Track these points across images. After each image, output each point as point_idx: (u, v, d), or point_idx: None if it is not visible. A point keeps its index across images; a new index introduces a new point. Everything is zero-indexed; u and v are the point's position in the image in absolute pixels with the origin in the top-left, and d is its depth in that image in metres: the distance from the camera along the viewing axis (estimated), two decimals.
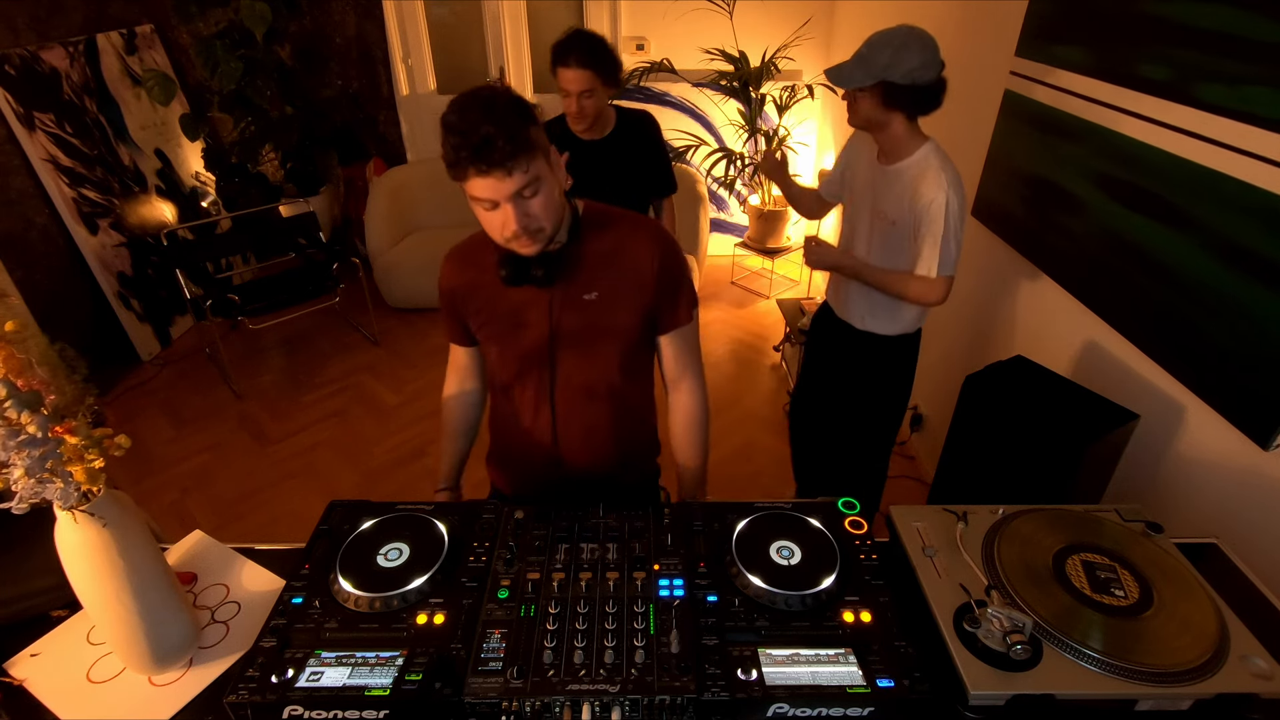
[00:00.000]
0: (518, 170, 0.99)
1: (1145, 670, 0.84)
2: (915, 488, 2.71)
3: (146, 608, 0.90)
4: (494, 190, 1.00)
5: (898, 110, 1.60)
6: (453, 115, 0.99)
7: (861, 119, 1.67)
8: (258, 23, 3.51)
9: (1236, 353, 1.33)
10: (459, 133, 0.97)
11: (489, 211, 1.04)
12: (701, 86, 4.03)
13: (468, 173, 0.99)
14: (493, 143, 0.96)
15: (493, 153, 0.96)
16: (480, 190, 1.01)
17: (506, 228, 1.04)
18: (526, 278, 1.12)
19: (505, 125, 0.96)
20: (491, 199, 1.02)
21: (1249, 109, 1.27)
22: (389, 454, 2.96)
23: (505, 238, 1.06)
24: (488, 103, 0.98)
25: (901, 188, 1.67)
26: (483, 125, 0.96)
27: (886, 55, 1.54)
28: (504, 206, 1.02)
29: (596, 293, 1.17)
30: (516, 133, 0.97)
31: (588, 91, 1.97)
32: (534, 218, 1.05)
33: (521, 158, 0.99)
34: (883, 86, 1.57)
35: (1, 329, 0.75)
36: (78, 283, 3.29)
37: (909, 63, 1.53)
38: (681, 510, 1.09)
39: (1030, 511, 1.07)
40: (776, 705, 0.82)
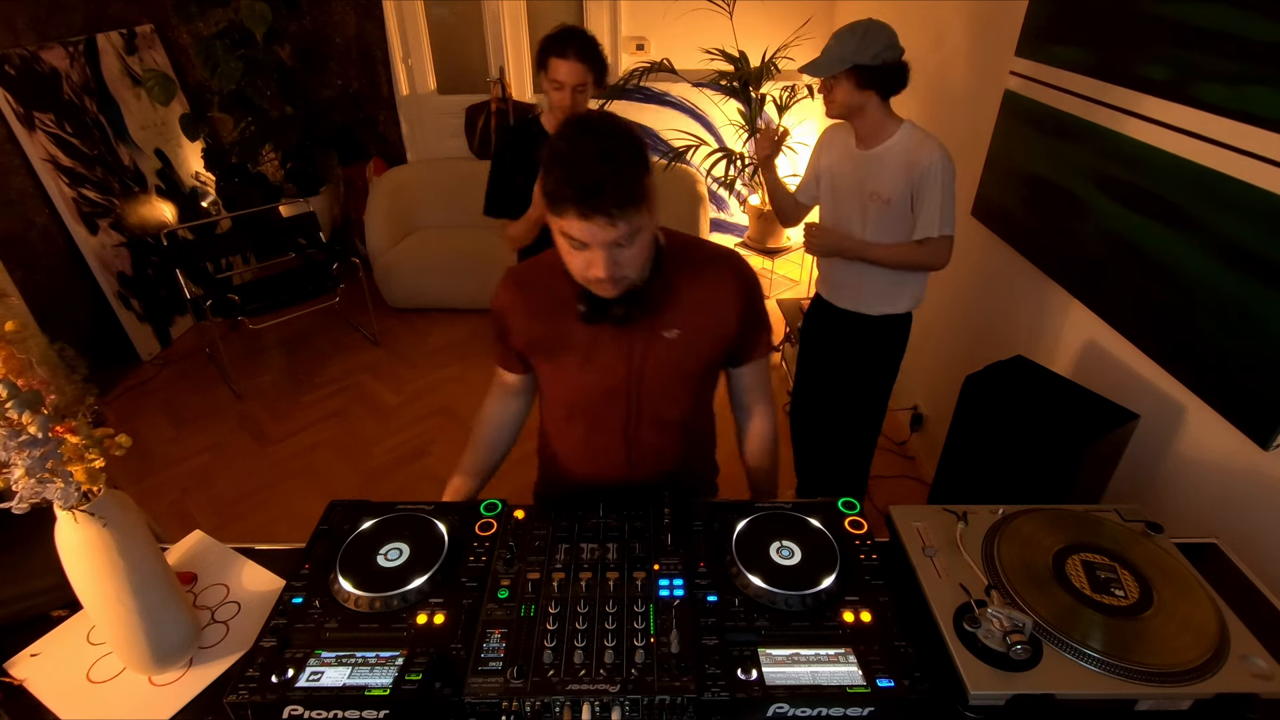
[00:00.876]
0: (622, 221, 0.92)
1: (1145, 670, 0.84)
2: (915, 488, 2.71)
3: (146, 608, 0.90)
4: (591, 235, 0.93)
5: (871, 90, 1.72)
6: (564, 143, 0.91)
7: (839, 107, 1.77)
8: (258, 23, 3.51)
9: (1236, 353, 1.33)
10: (568, 165, 0.89)
11: (575, 250, 0.97)
12: (701, 86, 4.03)
13: (567, 210, 0.92)
14: (603, 188, 0.89)
15: (602, 199, 0.89)
16: (575, 230, 0.94)
17: (590, 270, 0.98)
18: (606, 316, 1.07)
19: (622, 171, 0.89)
20: (583, 241, 0.95)
21: (1249, 109, 1.27)
22: (389, 454, 2.96)
23: (585, 279, 1.01)
24: (607, 139, 0.90)
25: (893, 165, 1.76)
26: (598, 166, 0.88)
27: (854, 42, 1.67)
28: (595, 250, 0.95)
29: (678, 331, 1.13)
30: (632, 181, 0.91)
31: (581, 86, 1.96)
32: (623, 267, 0.98)
33: (630, 209, 0.92)
34: (855, 70, 1.69)
35: (1, 329, 0.75)
36: (78, 283, 3.29)
37: (875, 45, 1.67)
38: (681, 510, 1.09)
39: (1030, 511, 1.07)
40: (776, 705, 0.82)
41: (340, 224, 4.55)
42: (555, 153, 0.92)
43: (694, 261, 1.14)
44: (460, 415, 3.14)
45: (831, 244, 1.92)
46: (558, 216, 0.94)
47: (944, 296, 2.60)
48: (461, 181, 4.28)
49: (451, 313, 4.03)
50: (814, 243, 1.93)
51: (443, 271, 3.94)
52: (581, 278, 1.01)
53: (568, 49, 1.92)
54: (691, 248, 1.16)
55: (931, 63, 2.67)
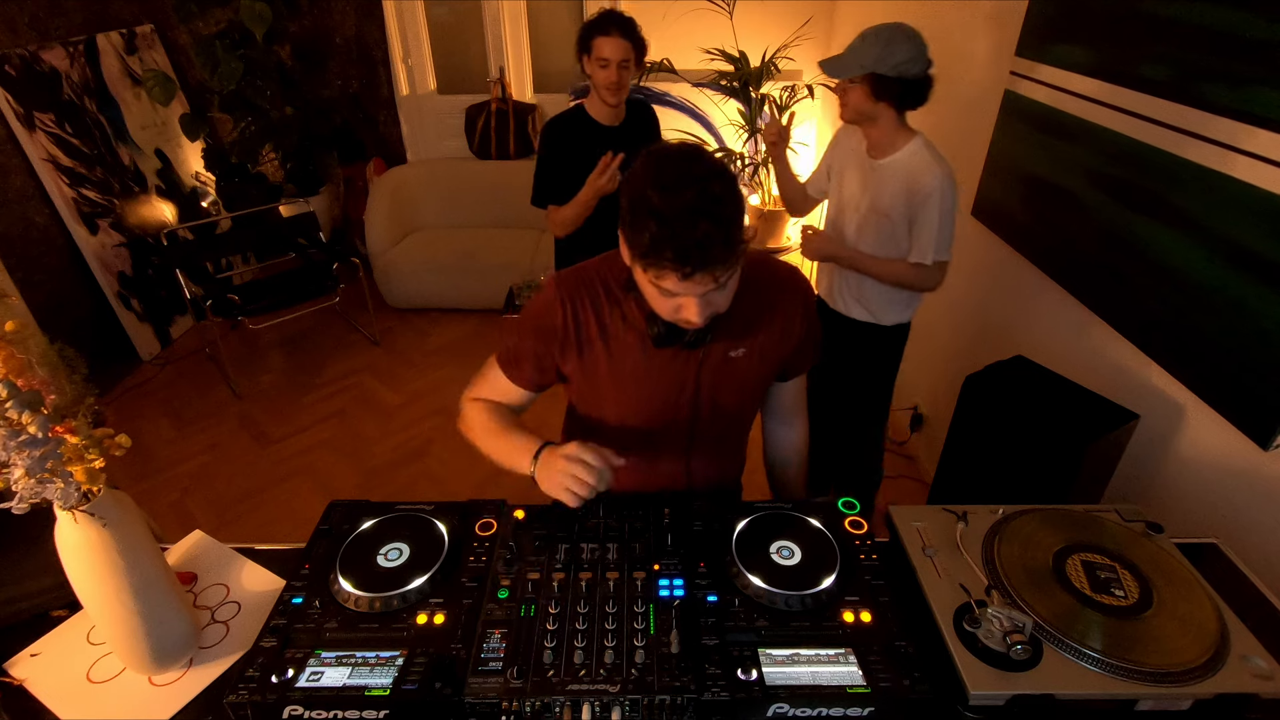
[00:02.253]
0: (723, 275, 0.88)
1: (1145, 670, 0.84)
2: (915, 488, 2.71)
3: (146, 608, 0.90)
4: (689, 289, 0.89)
5: (886, 102, 1.66)
6: (658, 195, 0.83)
7: (852, 112, 1.73)
8: (258, 23, 3.52)
9: (1236, 353, 1.33)
10: (667, 225, 0.82)
11: (665, 298, 0.93)
12: (701, 86, 4.03)
13: (664, 270, 0.86)
14: (709, 247, 0.83)
15: (706, 259, 0.83)
16: (672, 285, 0.88)
17: (682, 313, 0.93)
18: (679, 341, 1.04)
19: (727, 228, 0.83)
20: (678, 293, 0.90)
21: (1249, 109, 1.27)
22: (389, 454, 2.96)
23: (675, 319, 0.96)
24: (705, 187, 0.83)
25: (896, 181, 1.73)
26: (700, 223, 0.82)
27: (876, 48, 1.61)
28: (687, 299, 0.91)
29: (743, 350, 1.11)
30: (735, 234, 0.84)
31: (625, 62, 2.02)
32: (716, 305, 0.95)
33: (733, 261, 0.87)
34: (872, 79, 1.63)
35: (1, 329, 0.75)
36: (78, 283, 3.29)
37: (897, 56, 1.59)
38: (681, 510, 1.09)
39: (1030, 511, 1.07)
40: (776, 705, 0.82)
41: (340, 224, 4.55)
42: (647, 204, 0.84)
43: (762, 281, 1.10)
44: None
45: (827, 250, 1.90)
46: (651, 272, 0.89)
47: (944, 296, 2.59)
48: (461, 181, 4.28)
49: (451, 313, 4.03)
50: (810, 247, 1.91)
51: (443, 271, 3.94)
52: (669, 317, 0.97)
53: (610, 27, 2.00)
54: (759, 265, 1.12)
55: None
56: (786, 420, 1.32)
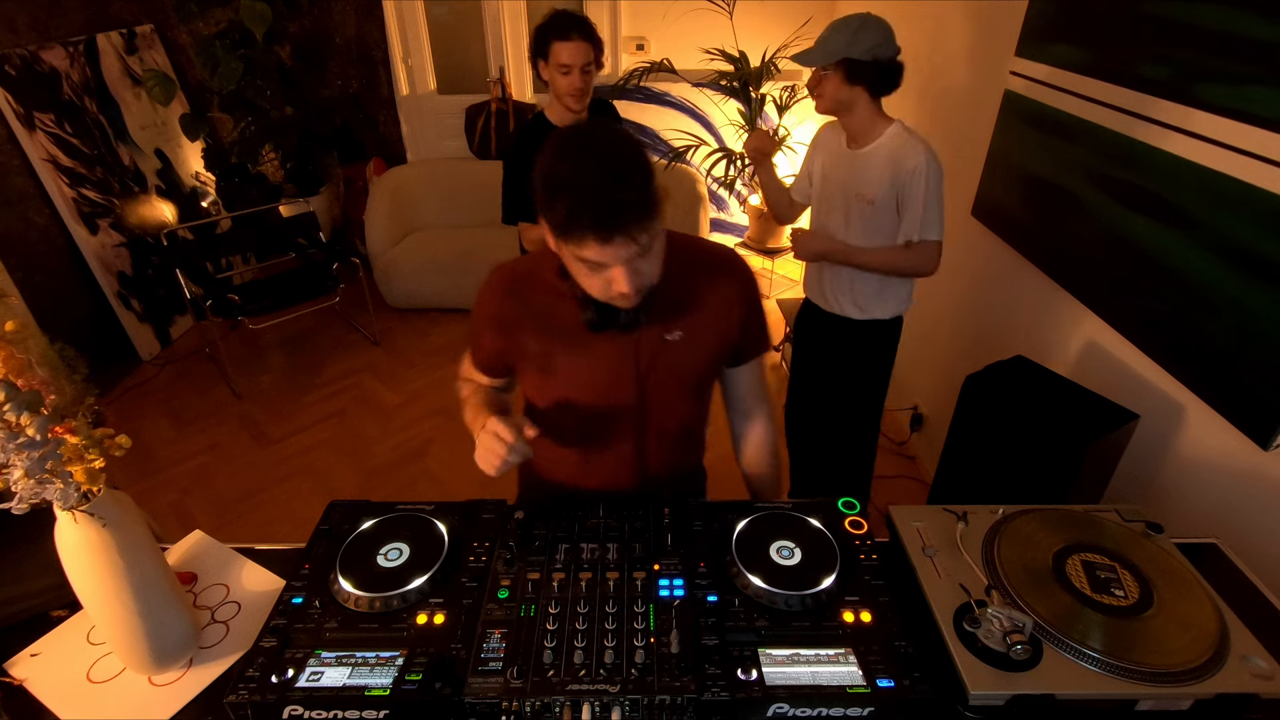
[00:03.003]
0: (643, 234, 0.89)
1: (1145, 670, 0.84)
2: (915, 488, 2.71)
3: (146, 608, 0.90)
4: (611, 256, 0.90)
5: (861, 87, 1.69)
6: (564, 166, 0.87)
7: (829, 101, 1.74)
8: (258, 23, 3.52)
9: (1236, 353, 1.33)
10: (577, 192, 0.86)
11: (593, 272, 0.94)
12: (701, 86, 4.03)
13: (585, 239, 0.88)
14: (621, 210, 0.85)
15: (623, 223, 0.86)
16: (595, 255, 0.90)
17: (614, 288, 0.95)
18: (614, 324, 1.05)
19: (634, 186, 0.86)
20: (604, 263, 0.92)
21: (1249, 109, 1.27)
22: (389, 454, 2.96)
23: (609, 296, 0.98)
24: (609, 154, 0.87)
25: (879, 166, 1.74)
26: (611, 190, 0.85)
27: (847, 35, 1.65)
28: (616, 268, 0.92)
29: (680, 332, 1.11)
30: (645, 193, 0.87)
31: (587, 65, 1.94)
32: (645, 276, 0.96)
33: (648, 221, 0.89)
34: (846, 64, 1.67)
35: (1, 329, 0.75)
36: (78, 283, 3.29)
37: (868, 40, 1.64)
38: (681, 510, 1.09)
39: (1030, 511, 1.07)
40: (776, 705, 0.82)
41: (340, 224, 4.55)
42: (556, 179, 0.87)
43: (694, 261, 1.12)
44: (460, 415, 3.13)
45: (818, 248, 1.89)
46: (572, 244, 0.91)
47: (944, 296, 2.60)
48: (461, 181, 4.28)
49: (451, 313, 4.03)
50: (801, 247, 1.91)
51: (443, 271, 3.94)
52: (603, 296, 0.99)
53: (569, 31, 1.90)
54: (690, 247, 1.14)
55: (931, 63, 2.67)
56: (746, 414, 1.30)
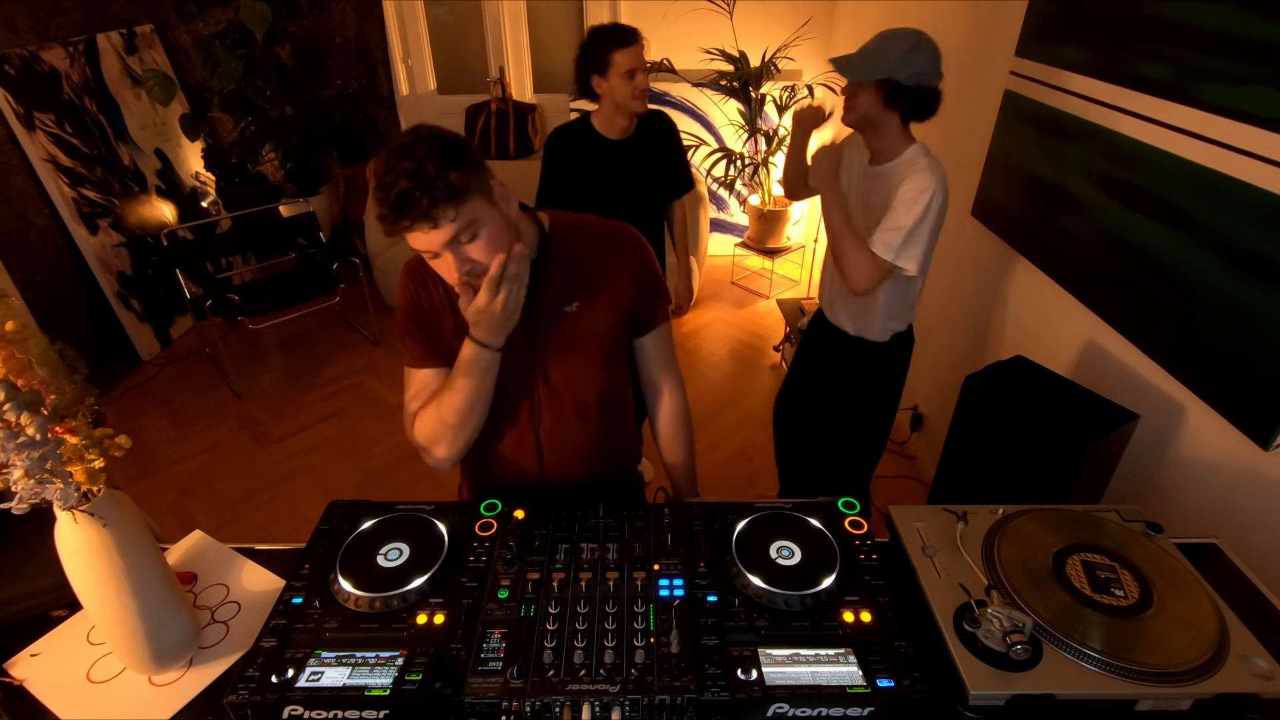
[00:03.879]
0: (444, 220, 0.94)
1: (1145, 670, 0.84)
2: (915, 488, 2.71)
3: (146, 608, 0.90)
4: (426, 242, 0.96)
5: (896, 111, 1.59)
6: (380, 167, 0.94)
7: (858, 116, 1.64)
8: (258, 23, 3.52)
9: (1236, 353, 1.33)
10: (380, 187, 0.93)
11: (433, 259, 1.00)
12: (701, 86, 4.03)
13: (397, 229, 0.94)
14: (409, 197, 0.91)
15: (411, 207, 0.91)
16: (415, 243, 0.97)
17: (450, 275, 1.00)
18: None
19: (420, 177, 0.91)
20: (428, 250, 0.98)
21: (1249, 109, 1.27)
22: (389, 454, 2.96)
23: (455, 284, 1.02)
24: (404, 152, 0.92)
25: (888, 184, 1.65)
26: (399, 180, 0.91)
27: (895, 54, 1.53)
28: (444, 255, 0.98)
29: (577, 303, 1.15)
30: (434, 182, 0.91)
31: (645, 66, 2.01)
32: (475, 263, 0.99)
33: (446, 206, 0.93)
34: (887, 84, 1.55)
35: (1, 329, 0.75)
36: (78, 283, 3.29)
37: (918, 65, 1.53)
38: (681, 510, 1.09)
39: (1030, 511, 1.07)
40: (776, 705, 0.82)
41: (340, 224, 4.55)
42: (375, 185, 0.94)
43: (584, 237, 1.17)
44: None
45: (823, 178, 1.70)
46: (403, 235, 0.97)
47: (944, 296, 2.60)
48: None
49: None
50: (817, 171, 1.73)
51: None
52: (454, 284, 1.02)
53: (626, 36, 1.99)
54: (580, 224, 1.19)
55: None
56: (655, 385, 1.32)
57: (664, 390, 1.32)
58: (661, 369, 1.31)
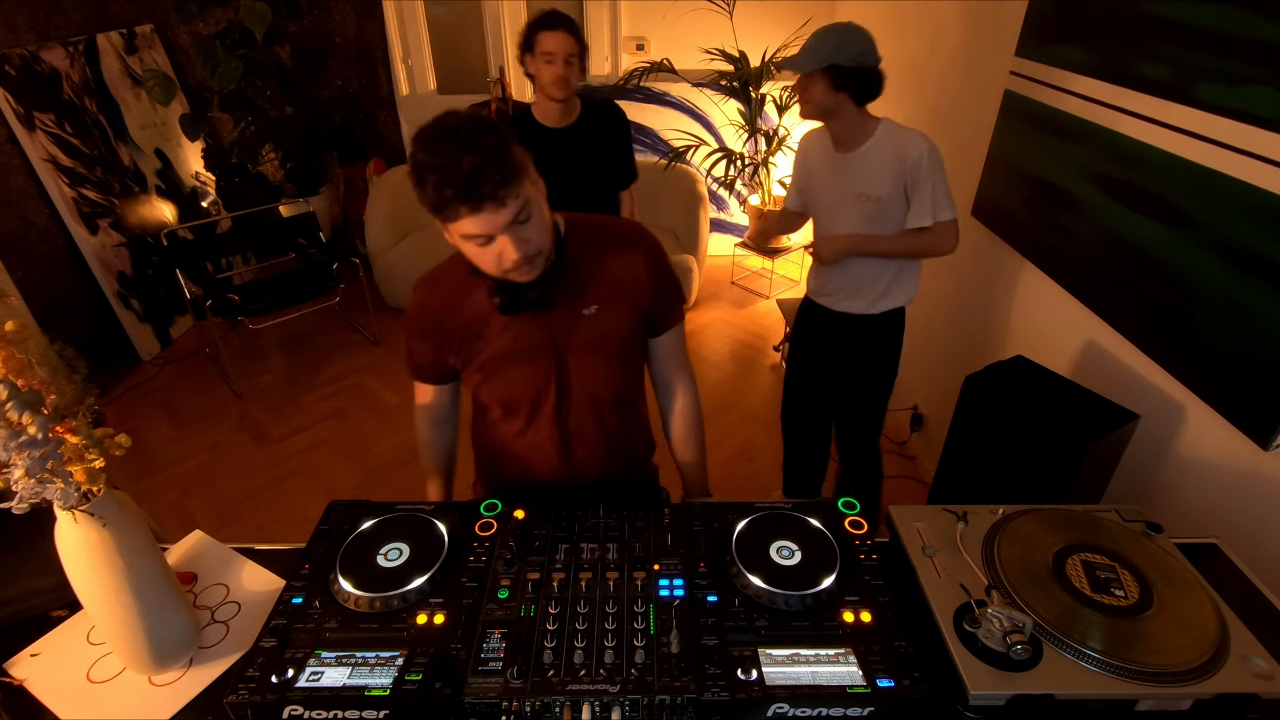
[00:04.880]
0: (510, 198, 0.93)
1: (1145, 670, 0.84)
2: (915, 488, 2.71)
3: (146, 608, 0.90)
4: (489, 225, 0.94)
5: (845, 93, 1.71)
6: (424, 154, 0.92)
7: (814, 107, 1.76)
8: (258, 23, 3.52)
9: (1236, 353, 1.33)
10: (439, 170, 0.90)
11: (483, 247, 0.98)
12: (701, 86, 4.03)
13: (457, 212, 0.92)
14: (481, 174, 0.89)
15: (483, 185, 0.90)
16: (473, 227, 0.95)
17: (506, 259, 0.98)
18: (524, 304, 1.08)
19: (489, 153, 0.90)
20: (486, 234, 0.96)
21: (1249, 109, 1.27)
22: (389, 454, 2.96)
23: (504, 270, 1.01)
24: (460, 132, 0.91)
25: (878, 163, 1.76)
26: (464, 157, 0.89)
27: (833, 41, 1.67)
28: (500, 238, 0.96)
29: (595, 306, 1.15)
30: (502, 158, 0.91)
31: (571, 57, 2.03)
32: (532, 243, 0.99)
33: (512, 184, 0.93)
34: (832, 70, 1.68)
35: (1, 329, 0.75)
36: (78, 283, 3.29)
37: (854, 48, 1.66)
38: (681, 510, 1.09)
39: (1030, 511, 1.07)
40: (776, 705, 0.82)
41: (340, 224, 4.55)
42: (418, 165, 0.92)
43: (599, 237, 1.17)
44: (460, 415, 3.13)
45: (840, 248, 1.88)
46: (450, 223, 0.96)
47: (944, 296, 2.60)
48: None
49: None
50: (823, 252, 1.90)
51: None
52: (499, 271, 1.02)
53: (554, 23, 2.02)
54: (594, 225, 1.18)
55: (931, 63, 2.67)
56: (668, 384, 1.33)
57: (678, 389, 1.33)
58: (675, 367, 1.32)
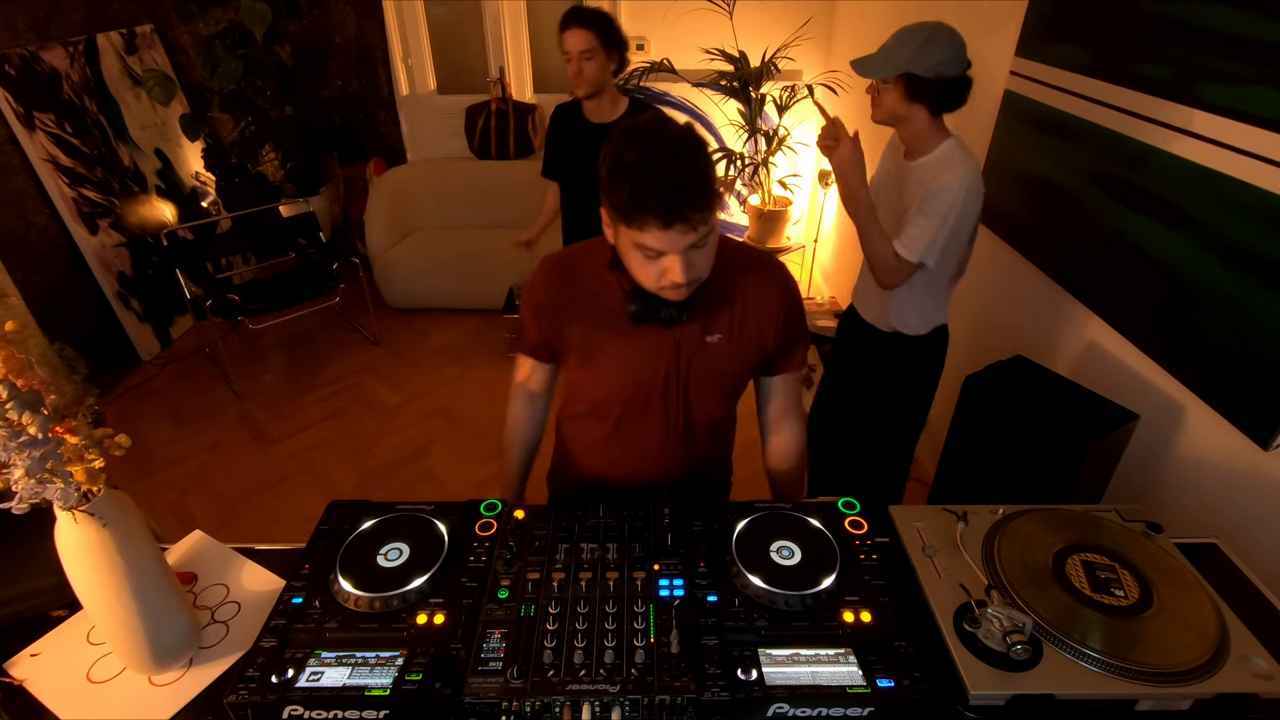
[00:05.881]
0: (701, 225, 0.91)
1: (1145, 670, 0.84)
2: (915, 488, 2.70)
3: (146, 608, 0.90)
4: (669, 244, 0.92)
5: (921, 104, 1.58)
6: (632, 155, 0.89)
7: (884, 113, 1.64)
8: (258, 23, 3.51)
9: (1236, 353, 1.33)
10: (645, 177, 0.87)
11: (649, 260, 0.96)
12: (701, 86, 4.03)
13: (647, 222, 0.89)
14: (687, 196, 0.87)
15: (685, 207, 0.88)
16: (654, 241, 0.92)
17: (667, 278, 0.96)
18: (657, 317, 1.06)
19: (701, 176, 0.88)
20: (661, 250, 0.93)
21: (1249, 109, 1.27)
22: (389, 454, 2.96)
23: (659, 286, 0.99)
24: (678, 145, 0.88)
25: (923, 179, 1.63)
26: (678, 174, 0.87)
27: (912, 47, 1.53)
28: (671, 257, 0.94)
29: (719, 335, 1.13)
30: (708, 184, 0.89)
31: (588, 52, 2.11)
32: (698, 269, 0.98)
33: (708, 212, 0.91)
34: (907, 79, 1.55)
35: (1, 329, 0.75)
36: (78, 283, 3.29)
37: (935, 56, 1.52)
38: (681, 510, 1.09)
39: (1030, 511, 1.07)
40: (776, 705, 0.82)
41: (340, 224, 4.55)
42: (622, 165, 0.89)
43: (737, 265, 1.13)
44: (460, 415, 3.14)
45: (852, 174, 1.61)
46: (635, 229, 0.92)
47: None
48: (461, 181, 4.28)
49: (451, 313, 4.03)
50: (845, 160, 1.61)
51: (442, 271, 3.94)
52: (653, 286, 0.99)
53: (570, 22, 2.11)
54: (734, 250, 1.14)
55: None
56: (777, 422, 1.30)
57: (785, 432, 1.30)
58: (788, 410, 1.28)
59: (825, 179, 3.93)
